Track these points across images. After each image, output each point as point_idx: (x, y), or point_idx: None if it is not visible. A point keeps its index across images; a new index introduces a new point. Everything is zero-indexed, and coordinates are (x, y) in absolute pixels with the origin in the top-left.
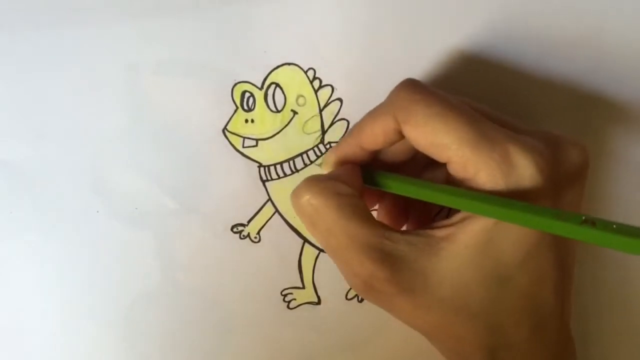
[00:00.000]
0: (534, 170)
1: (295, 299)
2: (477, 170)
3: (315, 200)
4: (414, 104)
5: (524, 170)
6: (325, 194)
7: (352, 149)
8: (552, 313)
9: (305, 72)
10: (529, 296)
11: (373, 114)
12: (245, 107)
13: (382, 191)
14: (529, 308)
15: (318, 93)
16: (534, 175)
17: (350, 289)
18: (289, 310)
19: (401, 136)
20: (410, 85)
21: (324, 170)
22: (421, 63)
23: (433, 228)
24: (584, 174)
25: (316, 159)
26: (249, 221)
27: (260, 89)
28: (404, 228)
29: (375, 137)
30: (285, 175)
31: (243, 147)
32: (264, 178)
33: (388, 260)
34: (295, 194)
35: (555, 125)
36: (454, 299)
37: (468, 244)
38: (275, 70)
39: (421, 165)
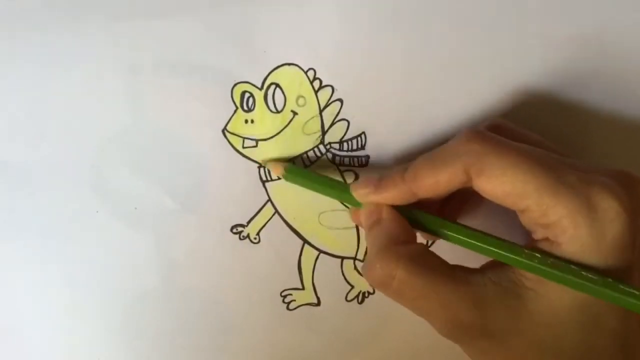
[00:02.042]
0: (617, 210)
1: (294, 300)
2: (559, 217)
3: (398, 272)
4: (487, 156)
5: (608, 212)
6: (404, 263)
7: (401, 194)
8: (639, 352)
9: (306, 73)
10: (618, 334)
11: (435, 164)
12: (245, 108)
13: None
14: (621, 352)
15: (318, 93)
16: (618, 215)
17: (351, 290)
18: (289, 311)
19: (462, 187)
20: (479, 136)
21: (360, 199)
22: (422, 63)
23: (503, 266)
24: None
25: (316, 160)
26: (248, 222)
27: (260, 89)
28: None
29: (437, 187)
30: None
31: (243, 147)
32: (264, 179)
33: (480, 306)
34: (371, 267)
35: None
36: (550, 343)
37: (557, 286)
38: (275, 71)
39: (439, 202)
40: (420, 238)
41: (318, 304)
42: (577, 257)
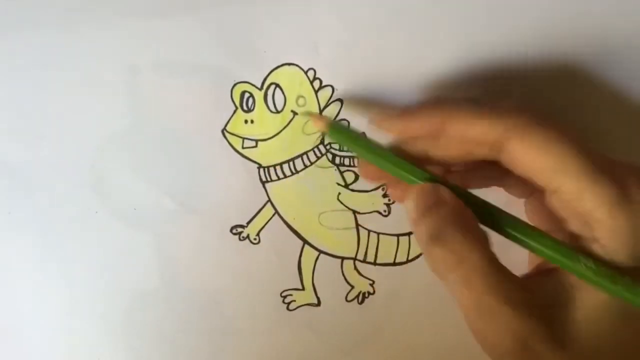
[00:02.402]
0: None
1: (294, 301)
2: (595, 206)
3: (470, 260)
4: (531, 125)
5: None
6: (478, 252)
7: (427, 124)
8: None
9: (306, 73)
10: None
11: (478, 110)
12: (245, 108)
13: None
14: None
15: (318, 94)
16: None
17: (351, 290)
18: (289, 311)
19: (487, 155)
20: (527, 109)
21: (378, 125)
22: (422, 63)
23: (559, 270)
24: None
25: (316, 160)
26: (248, 222)
27: (260, 89)
28: None
29: (465, 134)
30: (285, 176)
31: (243, 147)
32: (264, 179)
33: (541, 315)
34: (438, 242)
35: None
36: (594, 349)
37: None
38: (275, 71)
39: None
40: None
41: (318, 304)
42: (614, 254)
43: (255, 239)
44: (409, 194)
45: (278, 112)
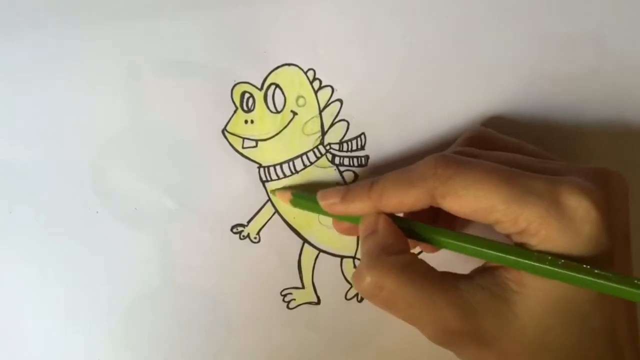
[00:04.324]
0: (588, 205)
1: (294, 299)
2: (529, 223)
3: (387, 282)
4: (451, 178)
5: (577, 209)
6: (395, 273)
7: (363, 207)
8: (626, 347)
9: (305, 73)
10: (605, 332)
11: (401, 185)
12: (245, 108)
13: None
14: (608, 346)
15: (318, 94)
16: (587, 211)
17: (350, 288)
18: (289, 310)
19: (428, 207)
20: (444, 160)
21: (327, 210)
22: (421, 64)
23: (501, 268)
24: (627, 198)
25: (316, 160)
26: (248, 221)
27: (260, 89)
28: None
29: (401, 206)
30: (285, 176)
31: (243, 147)
32: (264, 179)
33: (469, 313)
34: (360, 279)
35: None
36: (539, 343)
37: (539, 286)
38: (275, 71)
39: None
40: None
41: (318, 302)
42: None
43: (255, 238)
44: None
45: (278, 112)
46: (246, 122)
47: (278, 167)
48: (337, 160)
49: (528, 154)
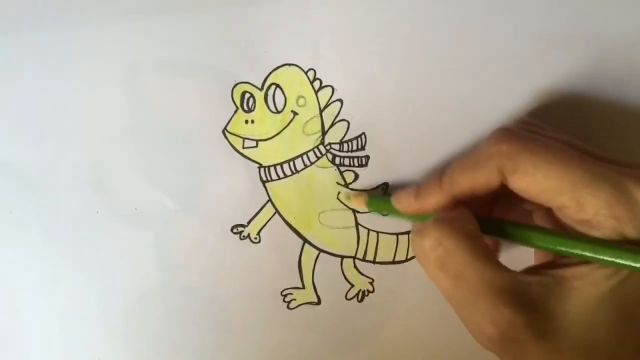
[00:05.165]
0: None
1: (295, 300)
2: (597, 210)
3: (448, 240)
4: (519, 154)
5: None
6: (458, 235)
7: (441, 200)
8: None
9: (306, 73)
10: None
11: (469, 167)
12: (246, 108)
13: None
14: None
15: (319, 94)
16: None
17: (351, 289)
18: (289, 310)
19: (500, 187)
20: (508, 136)
21: (404, 211)
22: (422, 64)
23: (561, 267)
24: None
25: (316, 161)
26: (249, 222)
27: (261, 89)
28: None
29: (474, 190)
30: (286, 176)
31: (243, 148)
32: (265, 179)
33: (525, 305)
34: (421, 234)
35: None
36: (586, 341)
37: (599, 283)
38: (276, 71)
39: (488, 203)
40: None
41: (318, 303)
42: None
43: (256, 239)
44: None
45: (279, 112)
46: (247, 122)
47: (279, 167)
48: (337, 160)
49: (576, 147)
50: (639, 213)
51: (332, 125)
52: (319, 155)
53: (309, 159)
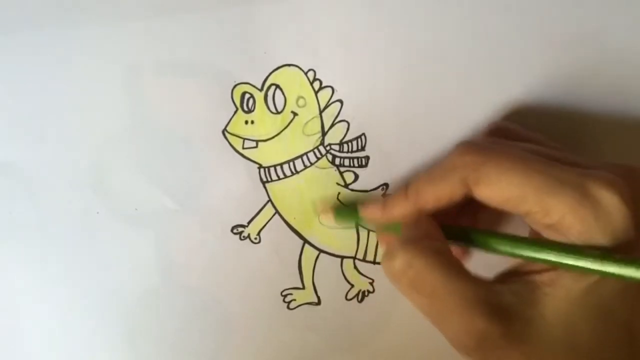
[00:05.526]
0: (618, 199)
1: (295, 300)
2: (562, 215)
3: (417, 261)
4: (482, 165)
5: (609, 202)
6: (427, 254)
7: (406, 210)
8: None
9: (306, 74)
10: (627, 327)
11: (434, 179)
12: (245, 109)
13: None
14: (627, 339)
15: (318, 94)
16: (618, 204)
17: (350, 289)
18: (289, 310)
19: (464, 197)
20: (471, 148)
21: (370, 221)
22: (422, 64)
23: (532, 273)
24: None
25: (316, 161)
26: (249, 222)
27: (260, 90)
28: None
29: (438, 201)
30: (286, 176)
31: (243, 148)
32: (264, 179)
33: (499, 314)
34: (390, 257)
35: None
36: (564, 342)
37: (571, 286)
38: (276, 72)
39: (454, 212)
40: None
41: (318, 303)
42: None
43: (256, 239)
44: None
45: (278, 112)
46: (246, 122)
47: (278, 168)
48: (337, 160)
49: (550, 148)
50: (602, 214)
51: (332, 125)
52: (319, 155)
53: (308, 159)
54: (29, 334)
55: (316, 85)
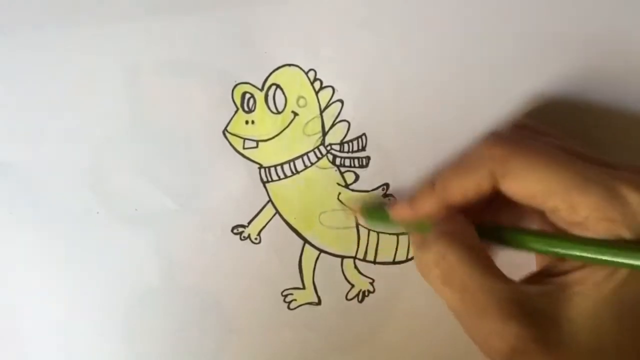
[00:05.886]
0: None
1: (295, 300)
2: (589, 212)
3: (451, 254)
4: (511, 157)
5: (637, 203)
6: (461, 247)
7: (434, 206)
8: None
9: (306, 73)
10: None
11: (461, 172)
12: (246, 109)
13: None
14: None
15: (319, 94)
16: None
17: (351, 289)
18: (289, 310)
19: (492, 191)
20: (500, 140)
21: (395, 223)
22: (423, 64)
23: (561, 274)
24: None
25: (317, 161)
26: (249, 222)
27: (261, 90)
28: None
29: (465, 194)
30: (286, 176)
31: (243, 148)
32: (265, 179)
33: (531, 317)
34: (423, 248)
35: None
36: (593, 345)
37: (602, 283)
38: (276, 71)
39: (480, 208)
40: None
41: (319, 303)
42: None
43: (256, 239)
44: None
45: (279, 112)
46: (247, 122)
47: (279, 168)
48: (338, 161)
49: (570, 147)
50: (630, 214)
51: (333, 125)
52: (319, 155)
53: (309, 159)
54: (28, 334)
55: (317, 85)
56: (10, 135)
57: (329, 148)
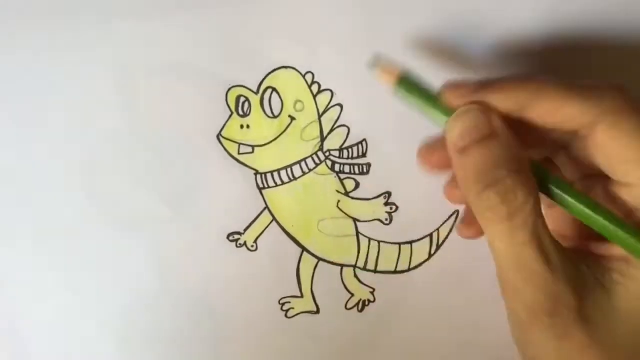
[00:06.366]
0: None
1: (293, 308)
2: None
3: (519, 192)
4: (627, 111)
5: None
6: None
7: (513, 101)
8: None
9: (304, 76)
10: None
11: (572, 90)
12: (241, 113)
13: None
14: None
15: (317, 98)
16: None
17: (351, 298)
18: (287, 319)
19: (571, 138)
20: (624, 93)
21: (457, 100)
22: (423, 66)
23: (603, 258)
24: None
25: (315, 167)
26: (245, 230)
27: (256, 93)
28: None
29: (552, 117)
30: (283, 183)
31: (239, 153)
32: (261, 186)
33: (576, 283)
34: (500, 178)
35: None
36: (631, 338)
37: None
38: (272, 74)
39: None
40: None
41: (317, 312)
42: None
43: (252, 246)
44: (452, 116)
45: (275, 117)
46: (242, 127)
47: (276, 174)
48: (337, 167)
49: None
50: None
51: (332, 130)
52: (318, 161)
53: (307, 165)
54: (24, 338)
55: (315, 88)
56: (6, 139)
57: (327, 154)
